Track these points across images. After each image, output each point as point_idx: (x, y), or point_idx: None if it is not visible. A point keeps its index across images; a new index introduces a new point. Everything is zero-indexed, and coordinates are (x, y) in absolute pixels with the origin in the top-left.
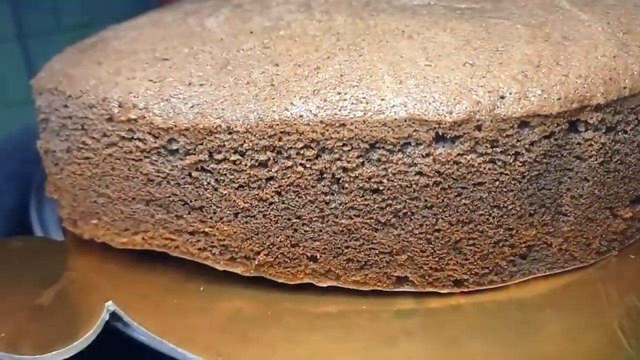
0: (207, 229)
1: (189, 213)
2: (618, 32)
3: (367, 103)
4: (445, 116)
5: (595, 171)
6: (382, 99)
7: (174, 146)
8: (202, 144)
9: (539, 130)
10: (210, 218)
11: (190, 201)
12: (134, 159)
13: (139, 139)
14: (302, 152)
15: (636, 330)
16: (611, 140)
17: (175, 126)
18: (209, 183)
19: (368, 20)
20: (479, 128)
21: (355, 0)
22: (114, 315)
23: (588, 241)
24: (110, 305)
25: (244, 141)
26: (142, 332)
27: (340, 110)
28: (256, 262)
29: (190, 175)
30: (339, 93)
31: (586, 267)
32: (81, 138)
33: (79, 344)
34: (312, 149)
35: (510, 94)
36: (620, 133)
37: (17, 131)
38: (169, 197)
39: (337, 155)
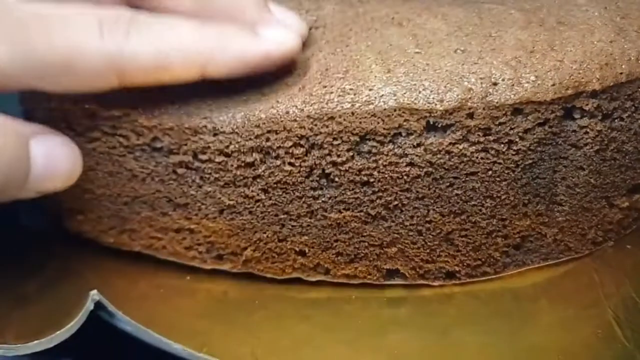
0: (192, 226)
1: (174, 210)
2: (615, 16)
3: (354, 94)
4: (436, 104)
5: (591, 159)
6: (370, 89)
7: (158, 144)
8: (186, 144)
9: (532, 117)
10: (195, 215)
11: (175, 198)
12: (117, 155)
13: (122, 136)
14: (290, 150)
15: (631, 321)
16: (607, 127)
17: (160, 125)
18: (193, 180)
19: (357, 7)
20: (471, 116)
21: None
22: (98, 305)
23: (583, 231)
24: (95, 295)
25: (230, 142)
26: (127, 322)
27: (327, 104)
28: (243, 258)
29: (174, 172)
30: (325, 86)
31: (581, 257)
32: (65, 132)
33: (63, 333)
34: (302, 146)
35: (503, 80)
36: (616, 120)
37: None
38: (154, 193)
39: (326, 151)
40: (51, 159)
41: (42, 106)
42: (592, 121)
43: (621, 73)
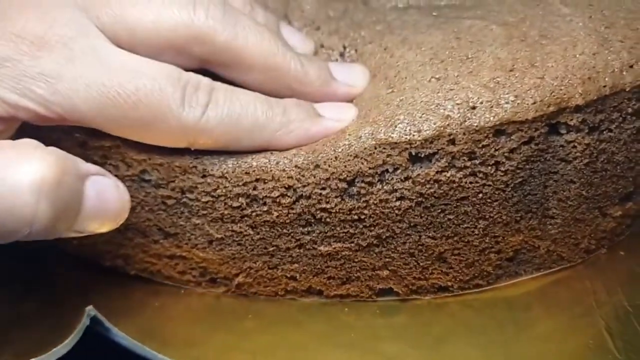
0: (184, 254)
1: (165, 238)
2: (600, 26)
3: (335, 141)
4: (414, 135)
5: (582, 172)
6: (349, 134)
7: (147, 177)
8: (174, 181)
9: (516, 137)
10: (186, 244)
11: (165, 227)
12: None
13: (112, 165)
14: (277, 200)
15: (623, 332)
16: (595, 139)
17: (149, 159)
18: (182, 212)
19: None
20: (452, 142)
21: (333, 10)
22: (94, 320)
23: (576, 241)
24: (90, 310)
25: (218, 186)
26: (122, 337)
27: (312, 153)
28: (236, 283)
29: (163, 203)
30: None
31: (574, 265)
32: None
33: (59, 349)
34: (289, 197)
35: (481, 103)
36: (605, 132)
37: None
38: (144, 222)
39: (315, 201)
40: (103, 200)
41: (30, 133)
42: (578, 135)
43: (604, 86)
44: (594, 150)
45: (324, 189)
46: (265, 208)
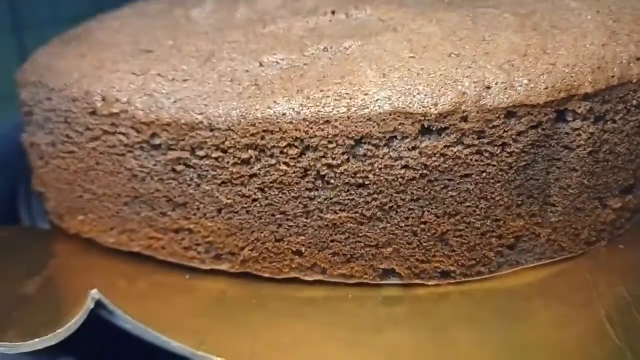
0: (191, 226)
1: (174, 210)
2: (608, 20)
3: (350, 99)
4: (430, 108)
5: (584, 161)
6: (366, 94)
7: (157, 141)
8: (184, 140)
9: (526, 120)
10: (194, 214)
11: (174, 197)
12: (117, 154)
13: (122, 133)
14: (285, 150)
15: (624, 321)
16: (600, 130)
17: (158, 121)
18: (192, 179)
19: (354, 15)
20: (465, 119)
21: None
22: (99, 304)
23: (577, 232)
24: (95, 294)
25: (226, 139)
26: (126, 320)
27: (323, 108)
28: (241, 258)
29: (173, 170)
30: (322, 91)
31: (575, 257)
32: (65, 131)
33: (63, 332)
34: (296, 147)
35: (496, 84)
36: (609, 122)
37: (8, 124)
38: (153, 193)
39: (321, 153)
40: None
41: (41, 107)
42: (584, 124)
43: (613, 76)
44: (597, 139)
45: (331, 142)
46: (273, 161)
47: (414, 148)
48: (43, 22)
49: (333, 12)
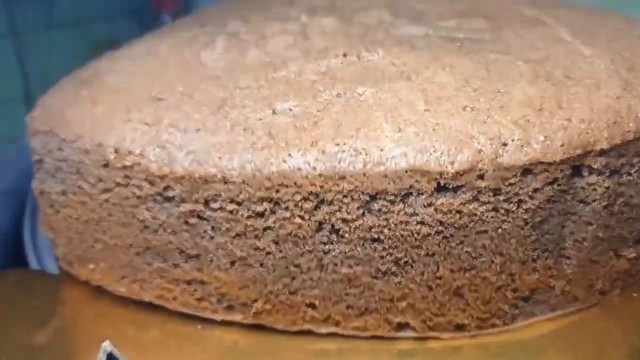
0: (204, 277)
1: (186, 261)
2: (621, 69)
3: (366, 154)
4: (447, 167)
5: (599, 214)
6: (382, 150)
7: (170, 193)
8: (198, 192)
9: (542, 177)
10: (207, 266)
11: (187, 249)
12: (130, 205)
13: (135, 185)
14: (300, 204)
15: None
16: (615, 183)
17: (171, 174)
18: (205, 231)
19: (366, 57)
20: (481, 177)
21: (353, 27)
22: (110, 356)
23: (591, 282)
24: (107, 346)
25: (240, 191)
26: None
27: (339, 163)
28: (254, 310)
29: (186, 222)
30: (337, 144)
31: (589, 307)
32: (77, 182)
33: None
34: (311, 201)
35: (512, 140)
36: (624, 176)
37: (9, 148)
38: (166, 244)
39: (336, 207)
40: None
41: (52, 156)
42: (600, 178)
43: (629, 131)
44: (613, 193)
45: (346, 197)
46: (287, 214)
47: (429, 204)
48: (39, 27)
49: (344, 55)
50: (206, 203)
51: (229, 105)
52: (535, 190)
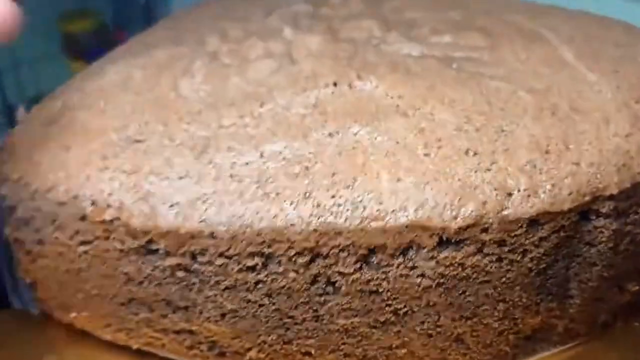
0: (193, 328)
1: (174, 312)
2: (629, 99)
3: (363, 208)
4: (449, 222)
5: (605, 255)
6: (380, 203)
7: (154, 247)
8: (184, 246)
9: (548, 227)
10: (197, 318)
11: (175, 301)
12: (112, 258)
13: (117, 239)
14: (293, 259)
15: None
16: (622, 223)
17: (155, 229)
18: (193, 284)
19: (358, 87)
20: (485, 230)
21: (342, 50)
22: None
23: (594, 318)
24: None
25: (230, 246)
26: None
27: (335, 217)
28: (247, 359)
29: (173, 275)
30: (333, 196)
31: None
32: (53, 233)
33: None
34: (305, 255)
35: (518, 190)
36: (631, 215)
37: None
38: (152, 296)
39: (332, 261)
40: None
41: (25, 205)
42: (607, 221)
43: (638, 173)
44: (619, 234)
45: (342, 251)
46: (280, 269)
47: (431, 258)
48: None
49: (334, 84)
50: (193, 257)
51: (213, 148)
52: (541, 239)
